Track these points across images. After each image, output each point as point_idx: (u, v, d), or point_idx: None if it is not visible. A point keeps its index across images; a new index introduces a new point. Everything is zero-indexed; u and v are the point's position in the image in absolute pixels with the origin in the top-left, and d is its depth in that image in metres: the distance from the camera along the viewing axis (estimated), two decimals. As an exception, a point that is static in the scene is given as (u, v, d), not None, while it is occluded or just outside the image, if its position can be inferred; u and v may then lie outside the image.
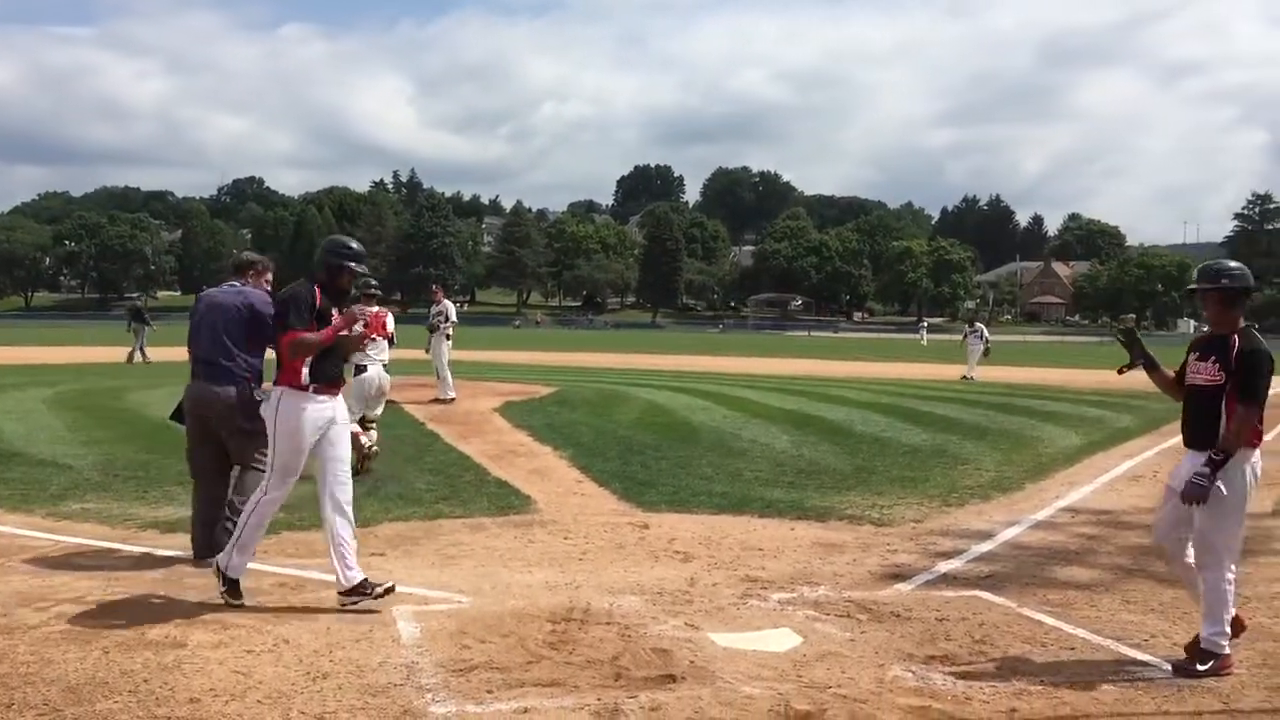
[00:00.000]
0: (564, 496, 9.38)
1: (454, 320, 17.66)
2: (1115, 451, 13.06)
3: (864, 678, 4.79)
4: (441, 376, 16.94)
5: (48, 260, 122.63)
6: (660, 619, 5.62)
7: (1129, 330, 5.59)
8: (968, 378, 27.09)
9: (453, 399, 16.60)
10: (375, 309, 10.50)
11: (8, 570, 6.47)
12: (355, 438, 10.40)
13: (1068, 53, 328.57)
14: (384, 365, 10.21)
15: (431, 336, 17.26)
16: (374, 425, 10.21)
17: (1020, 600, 6.19)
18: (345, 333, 5.83)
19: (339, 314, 5.87)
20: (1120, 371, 5.74)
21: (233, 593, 5.72)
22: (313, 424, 5.71)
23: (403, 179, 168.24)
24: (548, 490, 9.60)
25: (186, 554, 6.84)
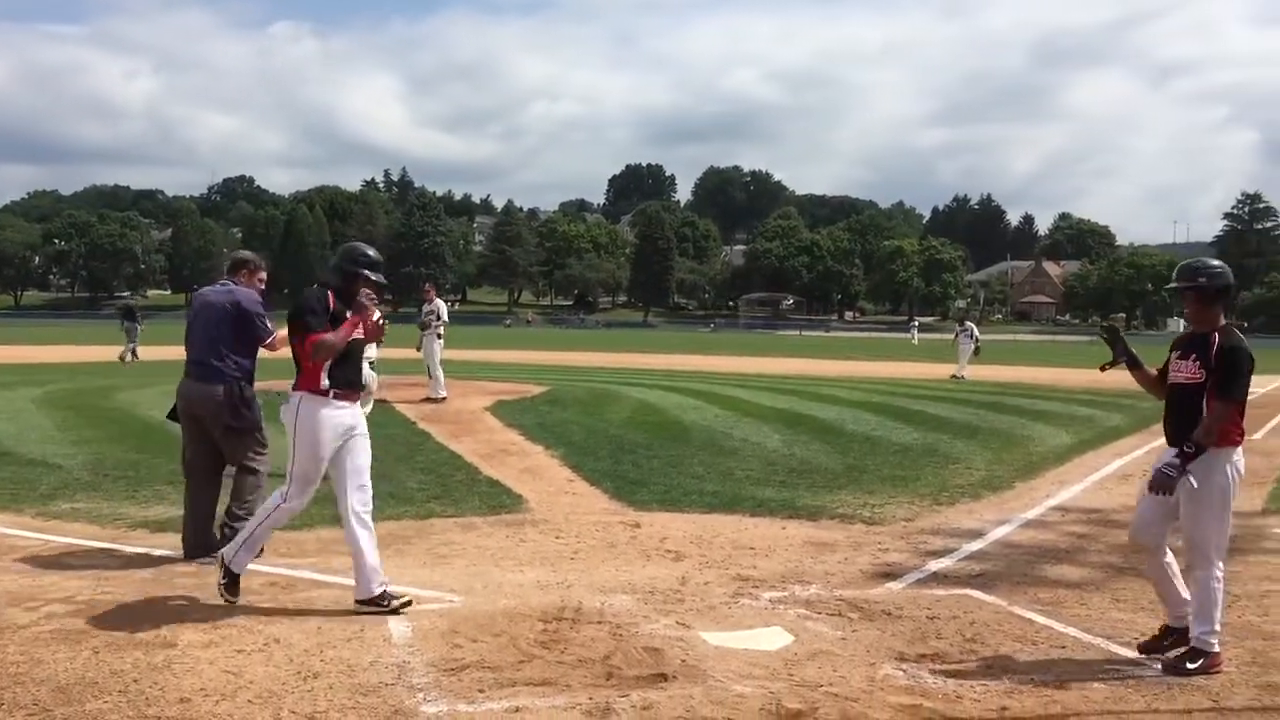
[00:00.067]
0: (555, 496, 9.38)
1: (445, 319, 17.64)
2: (1105, 450, 13.10)
3: (855, 676, 4.79)
4: (433, 375, 16.92)
5: (37, 259, 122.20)
6: (652, 618, 5.63)
7: (1112, 328, 5.62)
8: (958, 377, 27.13)
9: (444, 398, 16.58)
10: None
11: (-3, 570, 6.45)
12: None
13: (1059, 53, 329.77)
14: (370, 364, 10.19)
15: (423, 335, 17.24)
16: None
17: (1011, 599, 6.20)
18: (361, 326, 5.79)
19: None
20: (1103, 369, 5.76)
21: (231, 588, 5.71)
22: (333, 430, 5.67)
23: (394, 178, 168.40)
24: (539, 489, 9.60)
25: (177, 553, 6.83)
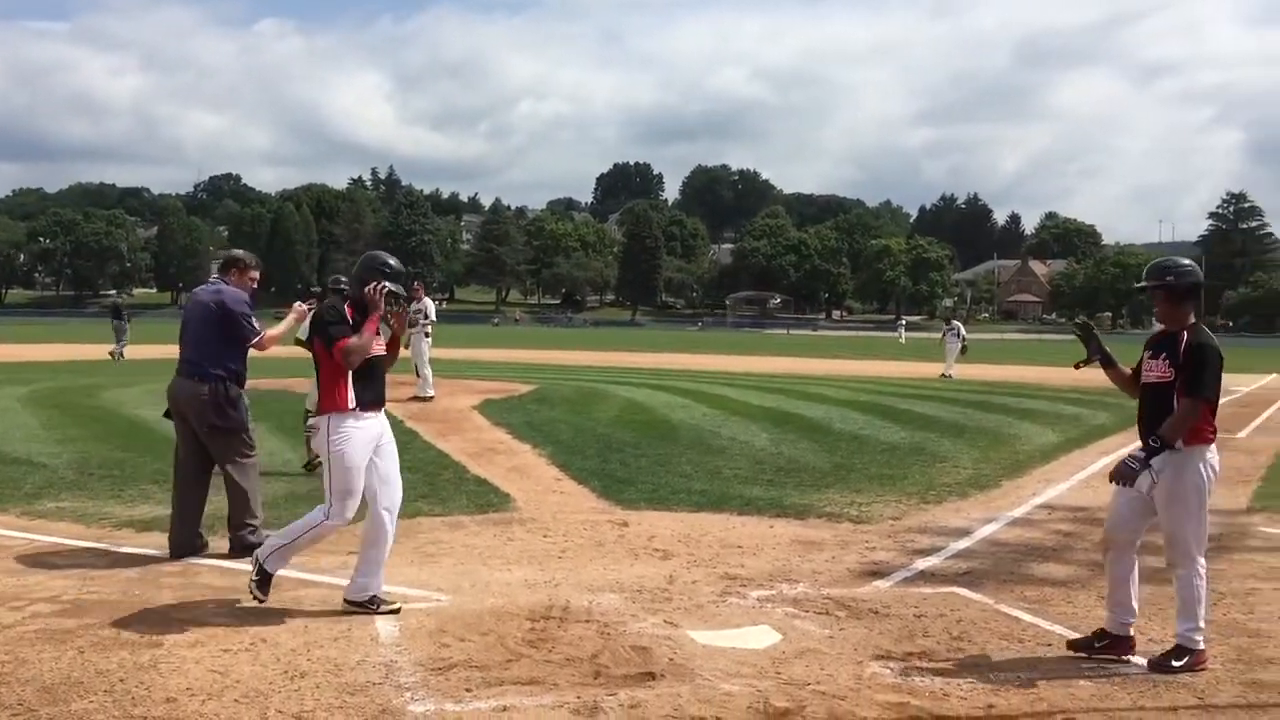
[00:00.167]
0: (543, 494, 9.37)
1: (433, 318, 17.59)
2: (1092, 449, 13.14)
3: (843, 674, 4.80)
4: (421, 374, 16.87)
5: (22, 257, 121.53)
6: (639, 616, 5.63)
7: (1085, 325, 5.63)
8: (946, 376, 27.21)
9: (432, 397, 16.54)
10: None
11: (-19, 570, 6.41)
12: (309, 433, 10.38)
13: (1045, 53, 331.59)
14: None
15: (411, 334, 17.18)
16: None
17: (997, 597, 6.23)
18: (380, 320, 5.75)
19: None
20: (1077, 367, 5.78)
21: (262, 586, 5.63)
22: (364, 443, 5.65)
23: (381, 176, 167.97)
24: (527, 488, 9.59)
25: (163, 553, 6.81)
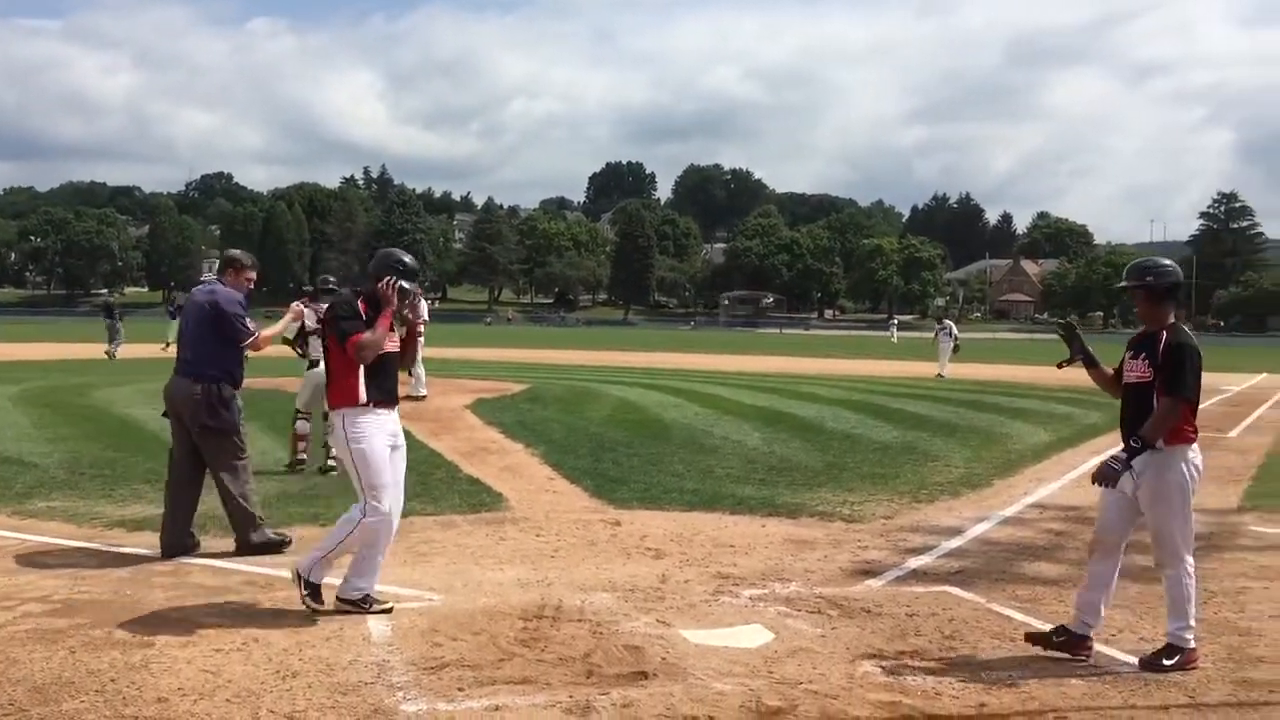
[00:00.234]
0: (535, 494, 9.36)
1: (425, 317, 17.51)
2: (1083, 448, 13.16)
3: (835, 673, 4.81)
4: (414, 373, 16.83)
5: (13, 256, 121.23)
6: (632, 616, 5.63)
7: (1068, 325, 5.64)
8: (941, 375, 27.21)
9: (424, 396, 16.52)
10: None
11: (-29, 569, 6.39)
12: (294, 431, 10.36)
13: (1037, 52, 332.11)
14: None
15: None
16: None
17: (989, 596, 6.23)
18: (393, 314, 5.72)
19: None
20: (1059, 366, 5.78)
21: (315, 597, 5.54)
22: (382, 432, 5.64)
23: (373, 175, 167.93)
24: (519, 487, 9.58)
25: (154, 552, 6.79)
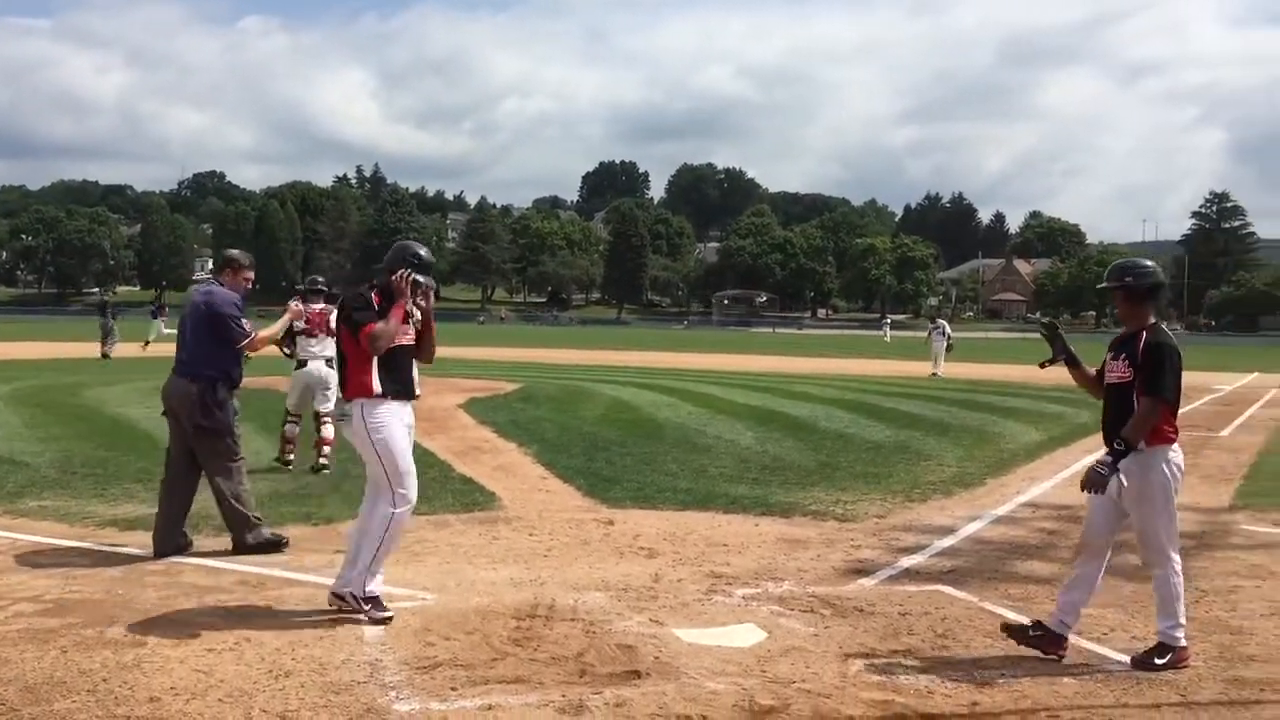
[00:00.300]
0: (529, 493, 9.36)
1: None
2: (1075, 447, 13.19)
3: (828, 672, 4.81)
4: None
5: (4, 255, 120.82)
6: (625, 615, 5.63)
7: (1051, 325, 5.65)
8: (935, 375, 27.24)
9: (418, 395, 16.47)
10: (319, 306, 10.46)
11: (-38, 569, 6.36)
12: (283, 433, 10.36)
13: (1029, 52, 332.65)
14: (327, 361, 10.13)
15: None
16: (329, 420, 10.11)
17: (982, 595, 6.25)
18: (407, 307, 5.79)
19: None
20: (1042, 366, 5.80)
21: (376, 605, 5.46)
22: (400, 420, 5.70)
23: (366, 174, 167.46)
24: (512, 487, 9.58)
25: (146, 552, 6.77)
